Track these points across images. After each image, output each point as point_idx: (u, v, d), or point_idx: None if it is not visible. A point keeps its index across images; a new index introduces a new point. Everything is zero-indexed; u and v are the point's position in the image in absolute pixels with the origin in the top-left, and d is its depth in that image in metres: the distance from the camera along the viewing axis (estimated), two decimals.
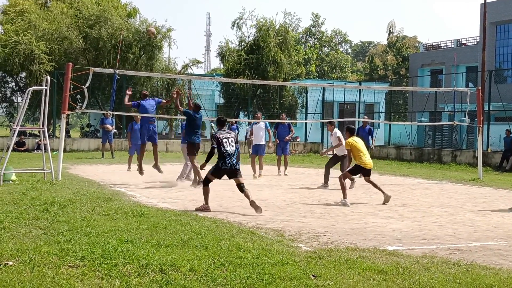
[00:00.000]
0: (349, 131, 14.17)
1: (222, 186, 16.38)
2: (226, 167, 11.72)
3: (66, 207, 10.47)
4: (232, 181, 15.72)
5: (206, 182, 11.92)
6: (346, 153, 15.25)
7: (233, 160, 11.75)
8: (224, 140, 11.76)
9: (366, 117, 22.76)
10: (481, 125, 21.40)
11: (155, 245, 7.57)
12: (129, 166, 20.94)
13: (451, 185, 18.98)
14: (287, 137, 20.94)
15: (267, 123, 20.16)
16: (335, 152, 16.98)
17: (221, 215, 10.90)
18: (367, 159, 13.71)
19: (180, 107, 16.23)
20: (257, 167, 19.34)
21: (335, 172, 17.06)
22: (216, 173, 11.91)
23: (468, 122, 25.41)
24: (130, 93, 17.08)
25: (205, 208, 11.53)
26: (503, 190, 17.69)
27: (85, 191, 13.03)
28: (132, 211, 10.27)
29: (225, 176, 11.91)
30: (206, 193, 11.80)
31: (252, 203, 11.45)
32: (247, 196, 11.69)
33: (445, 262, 7.41)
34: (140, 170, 17.23)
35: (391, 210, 12.51)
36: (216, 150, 11.73)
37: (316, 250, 7.93)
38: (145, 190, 14.89)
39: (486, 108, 27.04)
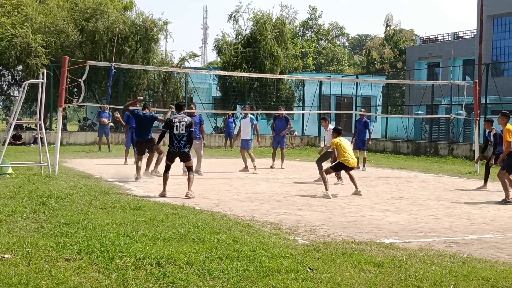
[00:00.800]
0: (336, 132, 14.33)
1: (220, 180, 16.41)
2: (174, 150, 12.55)
3: (63, 201, 10.47)
4: (229, 175, 15.76)
5: (166, 168, 12.68)
6: None
7: (181, 144, 12.45)
8: (176, 124, 12.45)
9: (363, 110, 22.70)
10: (478, 118, 21.41)
11: (152, 238, 7.57)
12: (126, 159, 20.87)
13: (447, 178, 19.01)
14: (283, 131, 20.93)
15: (253, 117, 19.86)
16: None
17: (218, 208, 10.91)
18: (351, 158, 13.81)
19: (128, 108, 16.25)
20: (249, 160, 19.20)
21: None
22: (168, 156, 12.80)
23: (465, 115, 25.44)
24: (139, 101, 16.93)
25: (162, 193, 12.43)
26: (499, 183, 17.66)
27: (82, 185, 13.02)
28: (129, 204, 10.28)
29: (223, 169, 11.96)
30: (165, 179, 12.67)
31: (186, 194, 12.41)
32: (188, 181, 12.57)
33: (442, 255, 7.43)
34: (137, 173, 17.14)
35: (387, 203, 12.53)
36: (168, 134, 12.57)
37: (312, 243, 7.95)
38: (142, 183, 14.87)
39: (483, 101, 27.02)
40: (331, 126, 16.69)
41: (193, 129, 12.78)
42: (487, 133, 15.99)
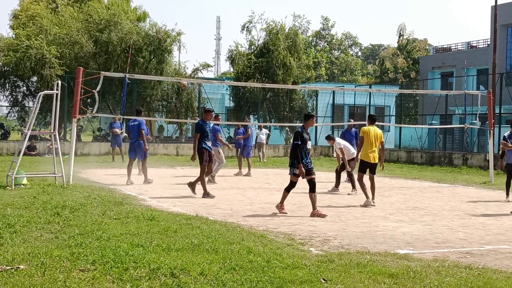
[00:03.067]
0: (370, 119, 14.59)
1: (233, 190, 16.41)
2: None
3: (77, 211, 10.50)
4: (241, 185, 15.80)
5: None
6: (354, 156, 15.49)
7: None
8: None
9: (351, 120, 22.53)
10: (492, 128, 21.29)
11: (165, 249, 7.58)
12: (139, 169, 20.94)
13: (462, 188, 18.90)
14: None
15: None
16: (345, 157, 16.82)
17: (232, 219, 10.90)
18: (371, 153, 13.96)
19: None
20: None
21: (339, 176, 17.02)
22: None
23: (479, 124, 25.31)
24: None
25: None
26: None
27: (96, 195, 13.06)
28: (142, 215, 10.29)
29: (236, 179, 11.95)
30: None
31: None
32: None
33: (457, 266, 7.38)
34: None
35: (401, 213, 12.47)
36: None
37: (326, 253, 7.92)
38: (155, 194, 14.90)
39: (497, 110, 26.90)
40: (337, 141, 16.68)
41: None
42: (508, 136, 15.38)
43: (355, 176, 15.30)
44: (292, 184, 12.25)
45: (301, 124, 12.57)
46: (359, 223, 10.98)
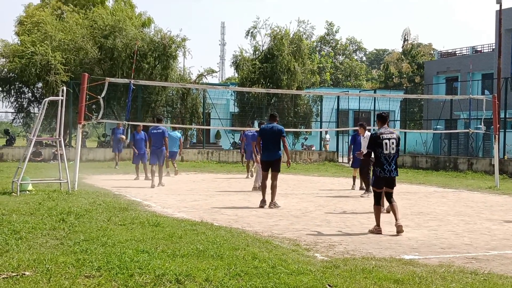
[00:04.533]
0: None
1: (238, 196, 16.42)
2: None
3: (82, 217, 10.51)
4: (248, 190, 15.88)
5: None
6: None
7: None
8: None
9: (364, 123, 22.39)
10: (497, 133, 21.26)
11: (170, 255, 7.58)
12: (137, 175, 21.05)
13: (467, 193, 18.87)
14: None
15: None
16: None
17: (236, 224, 10.90)
18: None
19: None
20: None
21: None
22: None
23: (484, 129, 25.26)
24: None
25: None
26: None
27: (101, 201, 13.08)
28: (147, 220, 10.30)
29: (241, 185, 11.92)
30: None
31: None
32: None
33: (462, 271, 7.36)
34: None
35: (407, 218, 12.45)
36: None
37: (331, 259, 7.91)
38: (160, 199, 14.92)
39: (502, 115, 26.86)
40: (368, 133, 16.49)
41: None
42: None
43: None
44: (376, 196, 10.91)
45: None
46: (364, 229, 10.97)
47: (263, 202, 13.97)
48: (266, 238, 9.40)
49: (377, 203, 10.75)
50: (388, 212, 16.42)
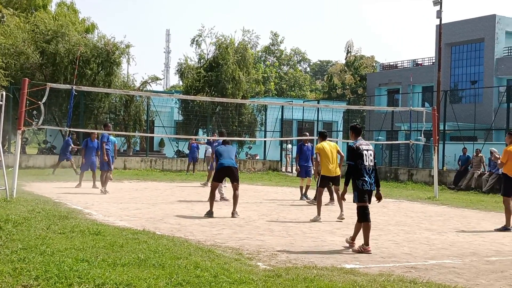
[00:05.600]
0: (321, 136, 15.15)
1: (181, 204, 16.32)
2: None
3: (21, 225, 10.26)
4: (190, 199, 15.79)
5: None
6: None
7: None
8: None
9: (307, 134, 22.58)
10: (437, 144, 21.75)
11: (111, 264, 7.46)
12: (80, 182, 20.71)
13: (407, 203, 19.22)
14: None
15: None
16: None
17: (179, 233, 10.83)
18: (330, 166, 14.39)
19: None
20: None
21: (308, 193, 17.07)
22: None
23: (424, 141, 25.78)
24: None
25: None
26: (458, 208, 18.00)
27: (40, 209, 12.80)
28: (88, 229, 10.13)
29: (185, 193, 11.84)
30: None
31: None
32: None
33: (402, 280, 7.48)
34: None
35: (348, 228, 12.58)
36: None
37: (274, 268, 7.93)
38: (102, 208, 14.70)
39: (441, 127, 27.51)
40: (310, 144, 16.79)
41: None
42: None
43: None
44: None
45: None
46: (306, 238, 11.04)
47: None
48: (208, 247, 9.36)
49: (365, 219, 9.95)
50: (331, 202, 16.64)
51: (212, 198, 14.02)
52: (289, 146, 37.22)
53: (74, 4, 42.55)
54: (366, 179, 10.00)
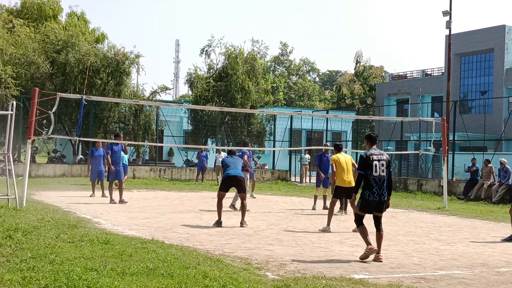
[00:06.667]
0: (336, 148, 15.39)
1: (190, 214, 16.32)
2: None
3: (30, 234, 10.29)
4: (199, 208, 15.74)
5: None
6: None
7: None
8: None
9: (327, 144, 22.61)
10: (446, 155, 21.68)
11: (120, 273, 7.47)
12: (93, 192, 20.77)
13: (417, 213, 19.15)
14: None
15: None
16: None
17: (188, 243, 10.82)
18: (346, 178, 14.39)
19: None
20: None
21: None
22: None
23: (433, 151, 25.74)
24: None
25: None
26: (467, 219, 17.91)
27: (50, 218, 12.83)
28: (97, 238, 10.14)
29: (194, 203, 11.83)
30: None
31: None
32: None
33: None
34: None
35: (357, 238, 12.53)
36: None
37: (282, 278, 7.91)
38: (111, 217, 14.73)
39: (451, 137, 27.43)
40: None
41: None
42: None
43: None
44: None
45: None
46: (315, 248, 11.01)
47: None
48: (217, 256, 9.35)
49: (360, 224, 10.13)
50: (341, 212, 16.94)
51: (219, 208, 14.01)
52: (307, 156, 36.74)
53: (84, 14, 42.74)
54: (374, 190, 9.92)
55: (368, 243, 9.91)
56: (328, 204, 18.80)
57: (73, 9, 42.68)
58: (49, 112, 16.02)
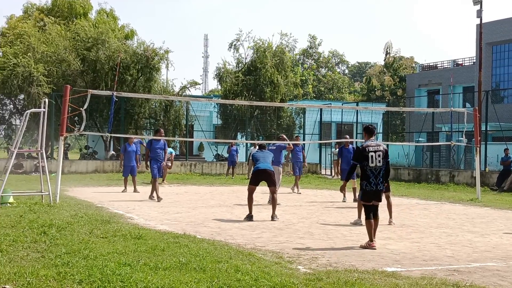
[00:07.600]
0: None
1: (220, 208, 16.38)
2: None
3: (64, 230, 10.43)
4: (230, 203, 15.80)
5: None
6: None
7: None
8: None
9: (347, 136, 22.45)
10: (479, 145, 21.42)
11: (153, 268, 7.53)
12: (125, 187, 20.94)
13: (449, 205, 18.97)
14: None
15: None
16: None
17: (219, 237, 10.86)
18: None
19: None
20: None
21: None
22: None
23: (465, 142, 25.44)
24: None
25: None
26: (501, 210, 17.69)
27: (83, 213, 12.99)
28: (130, 233, 10.23)
29: (224, 197, 11.86)
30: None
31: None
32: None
33: (444, 284, 7.39)
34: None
35: (389, 231, 12.49)
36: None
37: (314, 272, 7.90)
38: (143, 212, 14.85)
39: (483, 128, 27.09)
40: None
41: None
42: None
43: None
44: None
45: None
46: (347, 241, 10.98)
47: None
48: (249, 250, 9.38)
49: (368, 217, 10.41)
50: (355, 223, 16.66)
51: (250, 201, 14.03)
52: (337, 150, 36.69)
53: (114, 11, 43.13)
54: (371, 180, 10.38)
55: (371, 239, 10.25)
56: (357, 196, 18.78)
57: (102, 6, 43.16)
58: (81, 109, 16.19)
